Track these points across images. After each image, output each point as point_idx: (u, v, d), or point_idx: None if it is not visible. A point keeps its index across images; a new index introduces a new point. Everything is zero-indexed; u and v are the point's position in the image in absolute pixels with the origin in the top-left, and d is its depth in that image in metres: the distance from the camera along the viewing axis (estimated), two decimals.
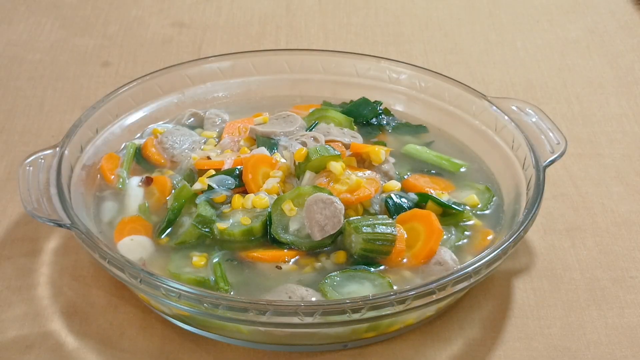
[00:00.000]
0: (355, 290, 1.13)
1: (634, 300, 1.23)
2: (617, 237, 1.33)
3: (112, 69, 1.70)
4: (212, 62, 1.49)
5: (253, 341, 1.14)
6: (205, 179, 1.25)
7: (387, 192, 1.25)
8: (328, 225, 1.18)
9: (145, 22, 1.85)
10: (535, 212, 1.18)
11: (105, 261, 1.12)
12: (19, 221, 1.34)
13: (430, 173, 1.33)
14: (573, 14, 1.88)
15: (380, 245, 1.16)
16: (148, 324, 1.18)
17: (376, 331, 1.14)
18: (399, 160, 1.34)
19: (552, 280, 1.26)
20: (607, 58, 1.74)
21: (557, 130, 1.31)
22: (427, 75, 1.45)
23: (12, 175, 1.42)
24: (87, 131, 1.33)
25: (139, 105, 1.42)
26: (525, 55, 1.75)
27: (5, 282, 1.24)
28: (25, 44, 1.77)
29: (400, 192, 1.26)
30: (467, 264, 1.11)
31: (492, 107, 1.37)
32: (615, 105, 1.61)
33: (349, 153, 1.30)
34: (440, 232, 1.19)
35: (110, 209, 1.27)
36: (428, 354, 1.15)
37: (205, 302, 1.06)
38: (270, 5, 1.90)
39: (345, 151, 1.30)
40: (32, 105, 1.60)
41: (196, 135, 1.38)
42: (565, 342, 1.17)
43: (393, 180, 1.28)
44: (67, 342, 1.16)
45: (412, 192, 1.26)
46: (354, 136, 1.35)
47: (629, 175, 1.45)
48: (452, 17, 1.88)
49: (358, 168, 1.27)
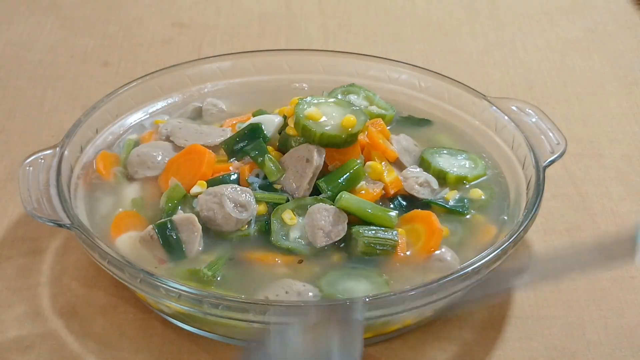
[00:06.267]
0: (352, 288, 1.13)
1: (634, 300, 1.23)
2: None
3: (112, 69, 1.70)
4: (212, 62, 1.49)
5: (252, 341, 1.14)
6: (204, 182, 1.24)
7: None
8: (332, 232, 1.18)
9: (145, 22, 1.85)
10: (535, 212, 1.18)
11: (105, 261, 1.12)
12: (19, 221, 1.34)
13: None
14: (573, 14, 1.88)
15: (381, 250, 1.17)
16: (148, 324, 1.18)
17: (374, 331, 1.14)
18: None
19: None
20: (607, 58, 1.74)
21: (557, 131, 1.31)
22: (427, 75, 1.45)
23: (12, 175, 1.42)
24: (87, 131, 1.33)
25: (139, 105, 1.42)
26: (525, 55, 1.75)
27: (6, 282, 1.24)
28: (25, 44, 1.77)
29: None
30: (467, 264, 1.11)
31: (492, 107, 1.37)
32: (615, 105, 1.61)
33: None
34: (440, 231, 1.19)
35: (105, 203, 1.27)
36: (428, 354, 1.15)
37: (205, 302, 1.06)
38: (270, 5, 1.90)
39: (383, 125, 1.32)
40: (32, 105, 1.60)
41: (199, 126, 1.37)
42: (565, 342, 1.17)
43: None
44: (67, 342, 1.16)
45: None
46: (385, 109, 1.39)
47: (629, 176, 1.45)
48: (452, 17, 1.88)
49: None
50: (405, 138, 1.34)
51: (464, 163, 1.33)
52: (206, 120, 1.42)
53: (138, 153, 1.31)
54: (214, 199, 1.19)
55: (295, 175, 1.23)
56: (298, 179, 1.22)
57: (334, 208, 1.19)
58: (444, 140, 1.38)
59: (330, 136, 1.22)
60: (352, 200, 1.20)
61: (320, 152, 1.23)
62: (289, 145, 1.27)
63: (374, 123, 1.32)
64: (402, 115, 1.43)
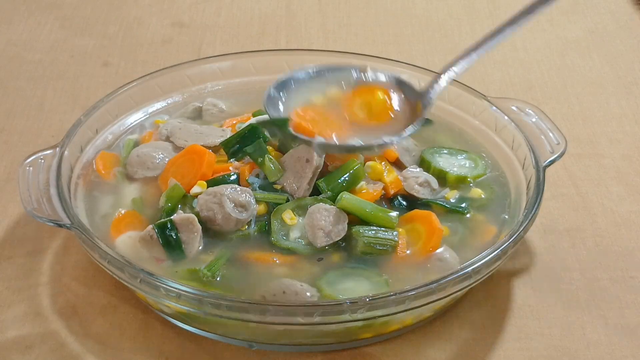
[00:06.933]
0: (351, 288, 1.13)
1: (634, 300, 1.23)
2: (617, 237, 1.33)
3: (112, 69, 1.70)
4: (212, 62, 1.49)
5: (253, 341, 1.14)
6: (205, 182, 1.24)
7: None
8: (333, 232, 1.18)
9: (145, 22, 1.85)
10: (535, 212, 1.18)
11: (105, 261, 1.12)
12: (19, 221, 1.34)
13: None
14: (573, 14, 1.88)
15: (381, 250, 1.17)
16: (148, 324, 1.18)
17: (374, 331, 1.14)
18: None
19: (552, 280, 1.26)
20: (607, 58, 1.74)
21: (557, 130, 1.31)
22: (427, 76, 1.45)
23: (12, 175, 1.42)
24: (87, 131, 1.33)
25: (139, 105, 1.42)
26: (525, 55, 1.75)
27: (6, 282, 1.24)
28: (25, 44, 1.77)
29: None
30: (467, 264, 1.11)
31: (492, 107, 1.37)
32: (615, 105, 1.61)
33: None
34: (441, 231, 1.19)
35: (105, 203, 1.27)
36: (428, 354, 1.15)
37: (205, 302, 1.06)
38: (270, 5, 1.90)
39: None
40: (32, 105, 1.60)
41: (199, 126, 1.37)
42: (565, 342, 1.17)
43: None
44: (67, 342, 1.16)
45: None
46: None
47: (629, 175, 1.45)
48: (452, 17, 1.88)
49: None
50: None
51: (464, 163, 1.33)
52: (206, 120, 1.42)
53: (138, 153, 1.31)
54: (214, 199, 1.19)
55: (295, 175, 1.23)
56: (298, 179, 1.22)
57: (334, 208, 1.19)
58: (444, 140, 1.38)
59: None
60: (352, 201, 1.20)
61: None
62: (288, 146, 1.27)
63: None
64: None
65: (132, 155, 1.31)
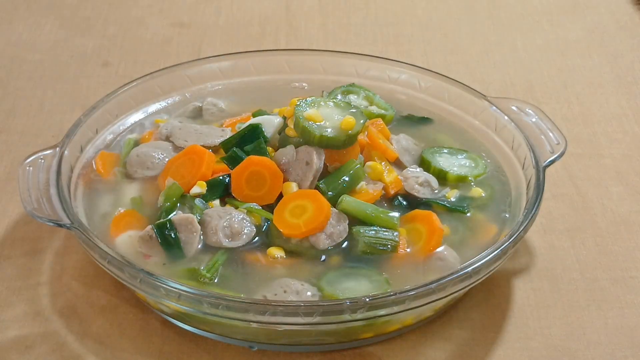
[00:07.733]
0: (352, 287, 1.13)
1: (634, 300, 1.23)
2: (617, 237, 1.33)
3: (112, 69, 1.70)
4: (212, 62, 1.49)
5: (253, 341, 1.14)
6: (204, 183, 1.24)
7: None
8: (334, 234, 1.18)
9: (145, 22, 1.85)
10: (535, 212, 1.18)
11: (105, 261, 1.12)
12: (19, 221, 1.34)
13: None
14: (573, 14, 1.88)
15: (381, 250, 1.17)
16: (148, 324, 1.18)
17: (374, 331, 1.14)
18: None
19: (552, 280, 1.26)
20: (607, 58, 1.74)
21: (557, 130, 1.31)
22: (427, 75, 1.45)
23: (12, 175, 1.42)
24: (87, 131, 1.33)
25: (139, 105, 1.42)
26: (525, 55, 1.75)
27: (6, 282, 1.24)
28: (25, 44, 1.77)
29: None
30: (466, 264, 1.11)
31: (492, 107, 1.37)
32: (615, 105, 1.61)
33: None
34: (441, 231, 1.19)
35: (104, 202, 1.27)
36: (428, 354, 1.15)
37: (205, 302, 1.06)
38: (270, 5, 1.90)
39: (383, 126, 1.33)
40: (32, 105, 1.60)
41: (199, 126, 1.37)
42: (565, 342, 1.17)
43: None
44: (67, 342, 1.16)
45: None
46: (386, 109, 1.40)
47: (629, 175, 1.45)
48: (452, 17, 1.88)
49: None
50: (405, 138, 1.34)
51: (464, 162, 1.33)
52: (206, 119, 1.42)
53: (138, 153, 1.31)
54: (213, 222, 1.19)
55: (296, 179, 1.23)
56: (298, 182, 1.22)
57: (334, 209, 1.19)
58: (444, 140, 1.38)
59: (330, 138, 1.22)
60: (353, 204, 1.20)
61: (320, 155, 1.23)
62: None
63: (373, 123, 1.32)
64: (402, 114, 1.43)
65: (131, 154, 1.31)
